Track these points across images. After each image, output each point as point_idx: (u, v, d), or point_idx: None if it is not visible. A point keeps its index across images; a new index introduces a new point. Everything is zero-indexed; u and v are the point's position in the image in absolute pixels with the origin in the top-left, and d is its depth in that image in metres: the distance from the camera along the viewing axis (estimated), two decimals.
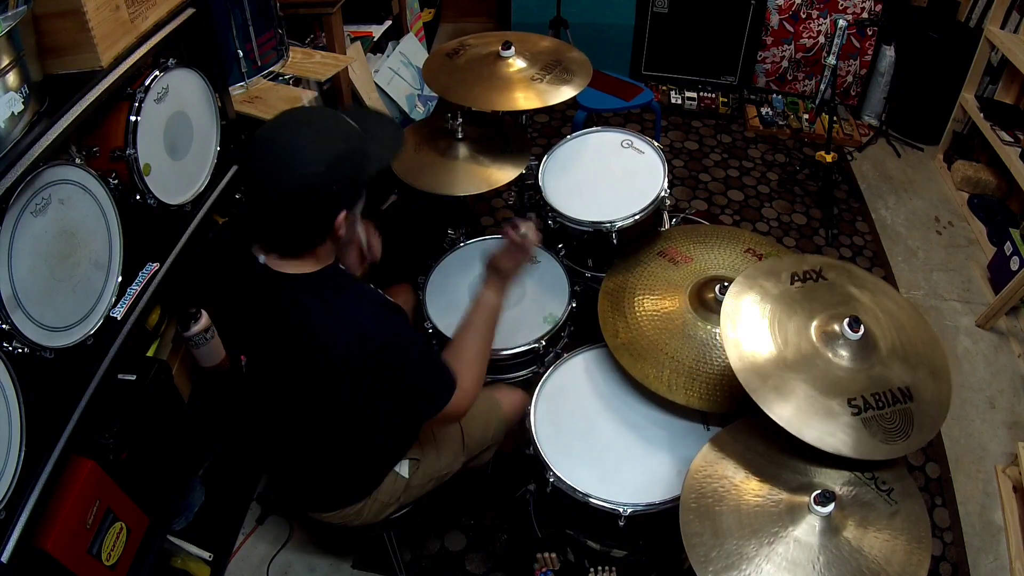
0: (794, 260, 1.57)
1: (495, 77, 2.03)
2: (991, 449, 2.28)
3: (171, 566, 1.81)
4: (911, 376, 1.38)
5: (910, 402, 1.34)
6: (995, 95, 3.17)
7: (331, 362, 1.22)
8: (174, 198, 1.65)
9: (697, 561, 1.23)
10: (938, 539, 2.04)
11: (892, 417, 1.32)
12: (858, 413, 1.31)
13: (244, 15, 2.06)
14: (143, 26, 1.47)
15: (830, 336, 1.39)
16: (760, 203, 3.23)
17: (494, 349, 1.80)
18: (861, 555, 1.21)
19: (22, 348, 1.20)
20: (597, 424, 1.66)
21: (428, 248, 2.04)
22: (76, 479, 1.36)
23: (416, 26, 3.69)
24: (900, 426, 1.32)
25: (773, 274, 1.53)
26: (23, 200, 1.19)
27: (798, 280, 1.51)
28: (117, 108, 1.48)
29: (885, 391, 1.35)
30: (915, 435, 1.32)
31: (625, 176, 1.99)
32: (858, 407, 1.32)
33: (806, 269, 1.54)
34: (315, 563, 1.98)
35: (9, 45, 1.15)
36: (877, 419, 1.31)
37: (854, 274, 1.55)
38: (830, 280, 1.52)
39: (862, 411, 1.32)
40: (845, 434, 1.29)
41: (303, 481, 1.58)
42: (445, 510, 2.01)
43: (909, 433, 1.32)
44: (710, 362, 1.62)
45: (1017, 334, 2.62)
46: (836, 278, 1.53)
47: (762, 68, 3.83)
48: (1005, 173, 2.94)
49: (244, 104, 2.05)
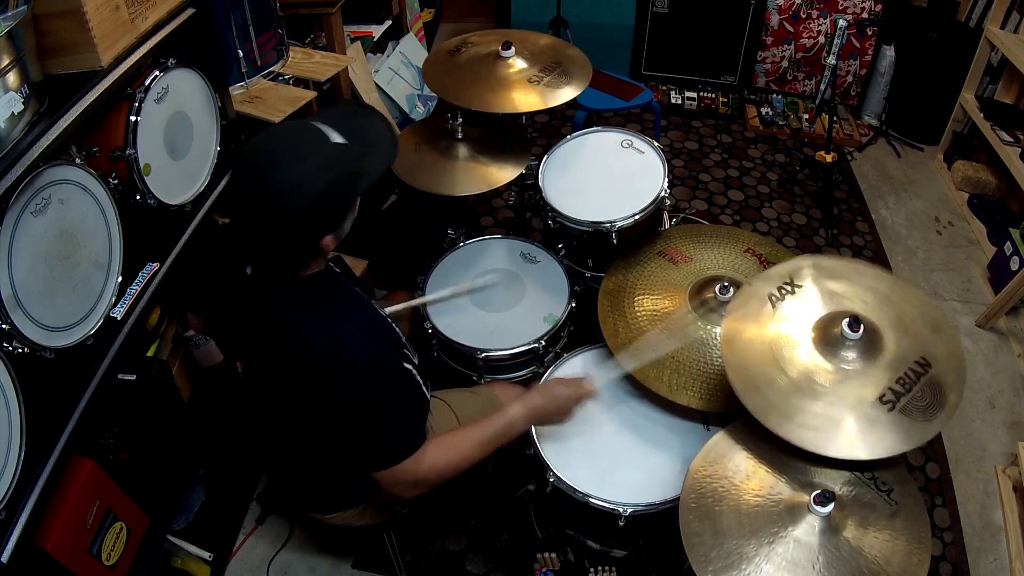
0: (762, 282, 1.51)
1: (495, 77, 2.03)
2: (991, 449, 2.27)
3: (171, 566, 1.80)
4: (919, 343, 1.36)
5: (930, 369, 1.31)
6: (995, 95, 3.17)
7: (311, 369, 1.21)
8: (174, 198, 1.65)
9: (697, 561, 1.23)
10: (938, 539, 2.04)
11: (923, 393, 1.29)
12: (893, 407, 1.29)
13: (244, 15, 2.06)
14: (143, 26, 1.47)
15: (833, 345, 1.37)
16: (760, 203, 3.23)
17: (494, 349, 1.80)
18: (861, 555, 1.21)
19: (22, 348, 1.20)
20: (597, 424, 1.66)
21: (428, 248, 2.04)
22: (76, 479, 1.36)
23: (416, 26, 3.69)
24: (933, 397, 1.29)
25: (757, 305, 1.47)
26: (23, 200, 1.19)
27: (778, 299, 1.47)
28: (117, 108, 1.48)
29: (906, 371, 1.32)
30: (950, 397, 1.29)
31: (625, 176, 1.99)
32: (891, 401, 1.29)
33: (779, 286, 1.49)
34: (315, 563, 1.98)
35: (9, 45, 1.15)
36: (912, 403, 1.28)
37: (822, 267, 1.52)
38: (805, 286, 1.49)
39: (896, 403, 1.29)
40: (893, 433, 1.26)
41: (303, 483, 1.58)
42: (445, 510, 2.01)
43: (943, 400, 1.29)
44: (710, 362, 1.62)
45: (1017, 334, 2.62)
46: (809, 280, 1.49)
47: (762, 68, 3.83)
48: (1005, 173, 2.94)
49: (244, 104, 2.05)
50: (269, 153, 1.13)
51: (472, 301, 1.95)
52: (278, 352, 1.26)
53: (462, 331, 1.85)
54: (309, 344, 1.20)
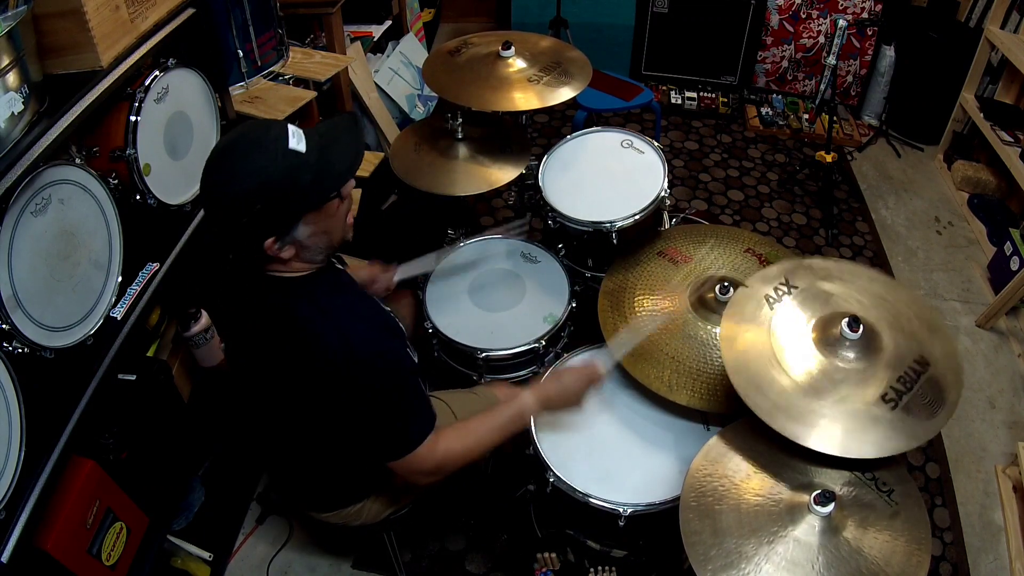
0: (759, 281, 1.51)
1: (495, 77, 2.03)
2: (991, 449, 2.27)
3: (171, 566, 1.80)
4: (916, 342, 1.36)
5: (929, 368, 1.32)
6: (995, 95, 3.17)
7: (320, 364, 1.21)
8: (174, 198, 1.65)
9: (696, 560, 1.23)
10: (938, 539, 2.04)
11: (924, 392, 1.30)
12: (896, 405, 1.29)
13: (244, 15, 2.06)
14: (143, 26, 1.48)
15: (833, 345, 1.37)
16: (760, 203, 3.23)
17: (494, 349, 1.80)
18: (861, 555, 1.21)
19: (22, 348, 1.20)
20: (597, 424, 1.66)
21: (428, 248, 2.04)
22: (76, 479, 1.36)
23: (416, 26, 3.70)
24: (934, 395, 1.29)
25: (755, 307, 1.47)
26: (23, 200, 1.19)
27: (775, 300, 1.47)
28: (117, 108, 1.48)
29: (906, 370, 1.32)
30: (949, 395, 1.30)
31: (625, 176, 1.99)
32: (894, 400, 1.30)
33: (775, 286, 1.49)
34: (315, 563, 1.98)
35: (9, 45, 1.15)
36: (914, 401, 1.29)
37: (815, 269, 1.52)
38: (801, 287, 1.49)
39: (899, 401, 1.29)
40: (897, 431, 1.27)
41: (301, 481, 1.58)
42: (445, 510, 2.01)
43: (944, 398, 1.29)
44: (710, 362, 1.62)
45: (1017, 334, 2.62)
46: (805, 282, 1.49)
47: (762, 68, 3.83)
48: (1005, 173, 2.94)
49: (244, 104, 2.05)
50: (229, 143, 1.18)
51: (472, 301, 1.95)
52: (282, 348, 1.26)
53: (462, 331, 1.85)
54: (317, 339, 1.20)
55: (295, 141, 1.14)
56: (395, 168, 2.02)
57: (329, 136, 1.21)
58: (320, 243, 1.23)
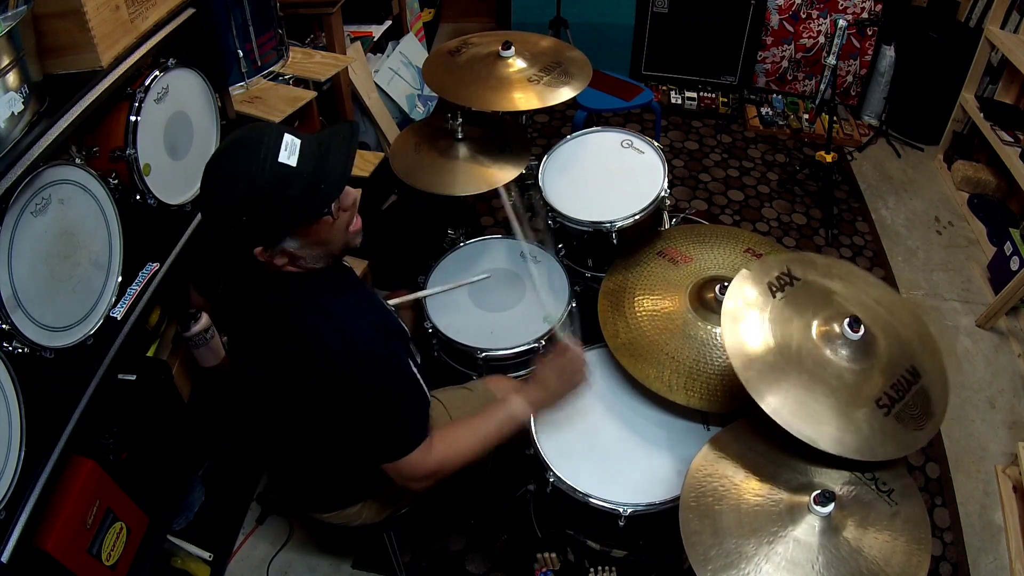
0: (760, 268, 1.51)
1: (495, 77, 2.03)
2: (991, 449, 2.27)
3: (171, 566, 1.80)
4: (908, 353, 1.36)
5: (920, 379, 1.32)
6: (995, 95, 3.17)
7: (321, 363, 1.21)
8: (174, 198, 1.65)
9: (696, 559, 1.23)
10: (938, 539, 2.04)
11: (914, 402, 1.30)
12: (889, 412, 1.29)
13: (244, 15, 2.06)
14: (143, 26, 1.47)
15: (832, 343, 1.37)
16: (760, 203, 3.23)
17: (494, 349, 1.80)
18: (860, 555, 1.21)
19: (22, 348, 1.20)
20: (597, 424, 1.66)
21: (428, 248, 2.04)
22: (76, 479, 1.36)
23: (416, 26, 3.69)
24: (923, 407, 1.29)
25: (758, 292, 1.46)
26: (23, 200, 1.19)
27: (777, 290, 1.46)
28: (117, 108, 1.48)
29: (899, 378, 1.32)
30: (937, 408, 1.30)
31: (625, 176, 1.99)
32: (887, 406, 1.30)
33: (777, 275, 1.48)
34: (315, 563, 1.98)
35: (9, 45, 1.15)
36: (904, 410, 1.29)
37: (818, 265, 1.52)
38: (804, 280, 1.48)
39: (891, 408, 1.29)
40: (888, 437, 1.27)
41: (301, 482, 1.58)
42: (445, 510, 2.01)
43: (932, 411, 1.30)
44: (710, 362, 1.62)
45: (1017, 334, 2.62)
46: (808, 276, 1.49)
47: (762, 68, 3.83)
48: (1005, 173, 2.94)
49: (244, 104, 2.05)
50: (224, 148, 1.17)
51: (472, 301, 1.95)
52: (283, 345, 1.26)
53: (462, 330, 1.85)
54: (318, 338, 1.20)
55: (286, 155, 1.10)
56: (395, 168, 2.02)
57: (326, 147, 1.17)
58: (315, 253, 1.21)
